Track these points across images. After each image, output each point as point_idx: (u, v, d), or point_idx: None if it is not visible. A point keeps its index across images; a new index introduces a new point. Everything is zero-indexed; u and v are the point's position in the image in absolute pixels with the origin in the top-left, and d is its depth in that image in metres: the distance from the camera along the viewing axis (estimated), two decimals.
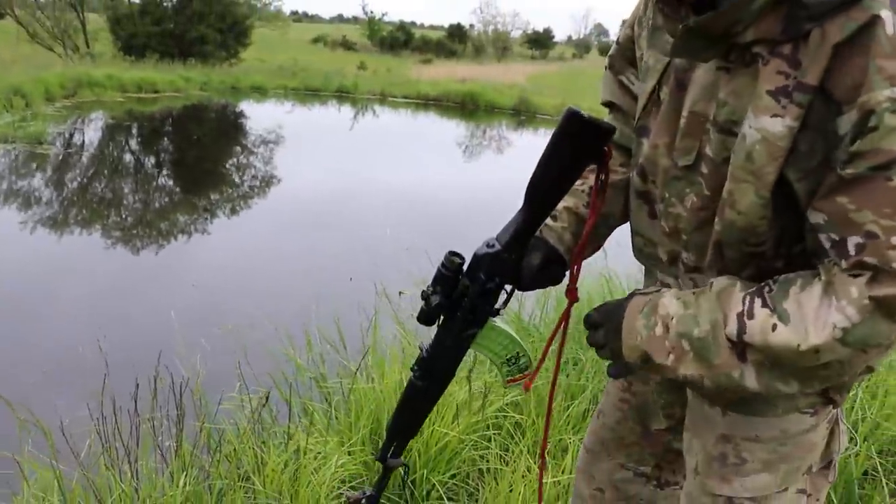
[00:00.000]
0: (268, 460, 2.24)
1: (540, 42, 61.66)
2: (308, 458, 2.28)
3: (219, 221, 8.56)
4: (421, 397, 1.25)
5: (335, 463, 2.30)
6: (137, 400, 2.26)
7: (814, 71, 0.85)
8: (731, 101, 0.95)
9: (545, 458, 1.37)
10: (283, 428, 2.48)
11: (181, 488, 2.13)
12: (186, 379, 2.43)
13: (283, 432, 2.48)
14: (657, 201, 1.13)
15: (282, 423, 2.58)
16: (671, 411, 1.36)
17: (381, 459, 1.33)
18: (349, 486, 2.31)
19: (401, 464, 1.34)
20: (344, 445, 2.45)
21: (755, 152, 0.91)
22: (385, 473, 1.36)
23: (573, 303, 1.19)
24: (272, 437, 2.52)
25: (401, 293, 3.99)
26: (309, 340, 3.31)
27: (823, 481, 1.20)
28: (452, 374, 1.24)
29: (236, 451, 2.32)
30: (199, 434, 2.38)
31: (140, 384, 2.27)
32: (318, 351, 3.25)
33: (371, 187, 10.45)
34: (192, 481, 2.18)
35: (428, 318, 1.15)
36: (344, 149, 14.12)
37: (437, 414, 2.47)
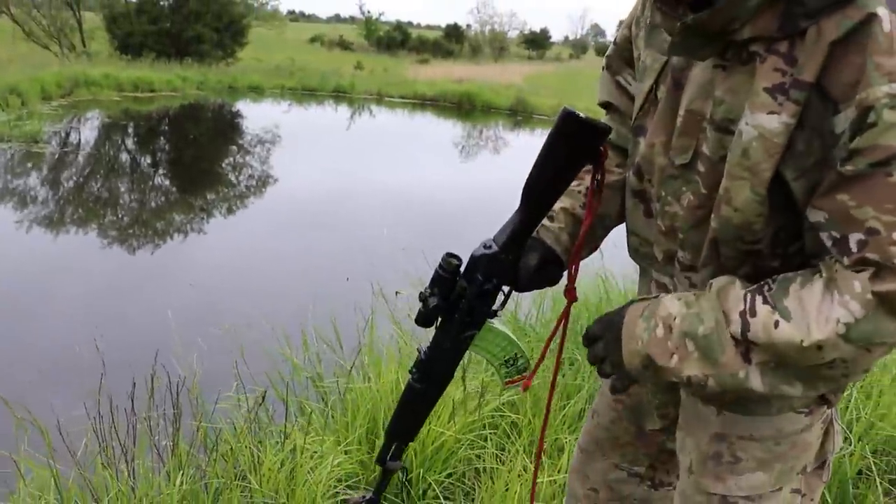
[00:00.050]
0: (264, 459, 2.24)
1: (537, 42, 61.74)
2: (304, 457, 2.28)
3: (215, 221, 8.55)
4: (419, 400, 1.25)
5: (331, 462, 2.30)
6: (134, 399, 2.26)
7: (810, 68, 0.85)
8: (727, 100, 0.95)
9: (541, 457, 1.37)
10: (280, 427, 2.48)
11: (178, 487, 2.13)
12: (183, 378, 2.43)
13: (279, 431, 2.48)
14: (653, 200, 1.13)
15: (278, 423, 2.58)
16: (665, 411, 1.36)
17: (381, 462, 1.32)
18: (346, 485, 2.32)
19: (400, 466, 1.33)
20: (340, 445, 2.46)
21: (751, 149, 0.91)
22: (385, 476, 1.36)
23: (572, 302, 1.20)
24: (269, 437, 2.52)
25: (397, 293, 3.99)
26: (305, 340, 3.31)
27: (818, 481, 1.20)
28: (451, 376, 1.23)
29: (233, 450, 2.31)
30: (195, 433, 2.38)
31: (137, 383, 2.27)
32: (314, 351, 3.25)
33: (368, 187, 10.45)
34: (188, 480, 2.18)
35: (426, 319, 1.15)
36: (341, 149, 14.11)
37: (434, 413, 2.47)
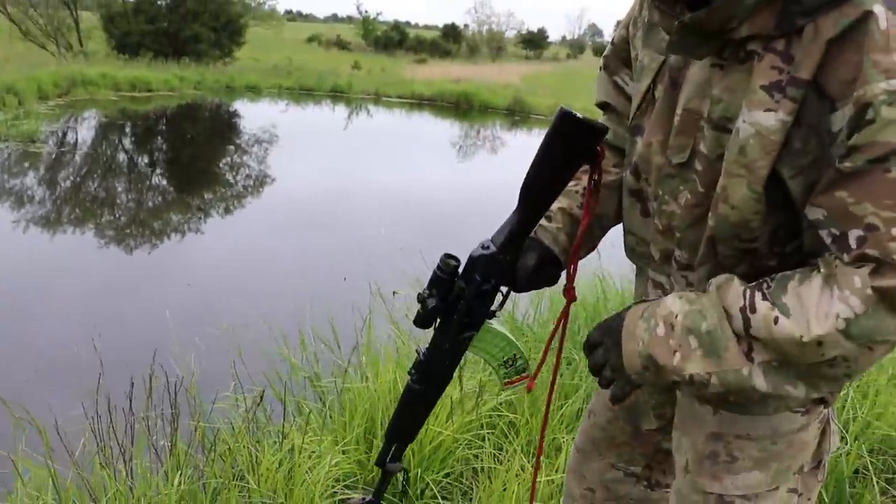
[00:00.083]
0: (262, 459, 2.24)
1: (534, 42, 61.76)
2: (302, 456, 2.28)
3: (213, 221, 8.54)
4: (419, 401, 1.25)
5: (329, 462, 2.30)
6: (132, 399, 2.26)
7: (807, 66, 0.86)
8: (725, 98, 0.96)
9: (541, 457, 1.37)
10: (278, 427, 2.48)
11: (176, 487, 2.13)
12: (181, 378, 2.43)
13: (277, 431, 2.48)
14: (650, 199, 1.13)
15: (276, 423, 2.58)
16: (662, 412, 1.36)
17: (380, 464, 1.32)
18: (343, 485, 2.32)
19: (400, 468, 1.33)
20: (338, 444, 2.46)
21: (748, 146, 0.92)
22: (384, 478, 1.36)
23: (571, 302, 1.20)
24: (267, 437, 2.52)
25: (395, 293, 3.99)
26: (303, 340, 3.31)
27: (814, 481, 1.19)
28: (450, 377, 1.23)
29: (231, 450, 2.31)
30: (193, 433, 2.38)
31: (135, 383, 2.27)
32: (312, 350, 3.25)
33: (365, 187, 10.45)
34: (186, 480, 2.18)
35: (424, 321, 1.15)
36: (338, 148, 14.11)
37: (432, 413, 2.46)
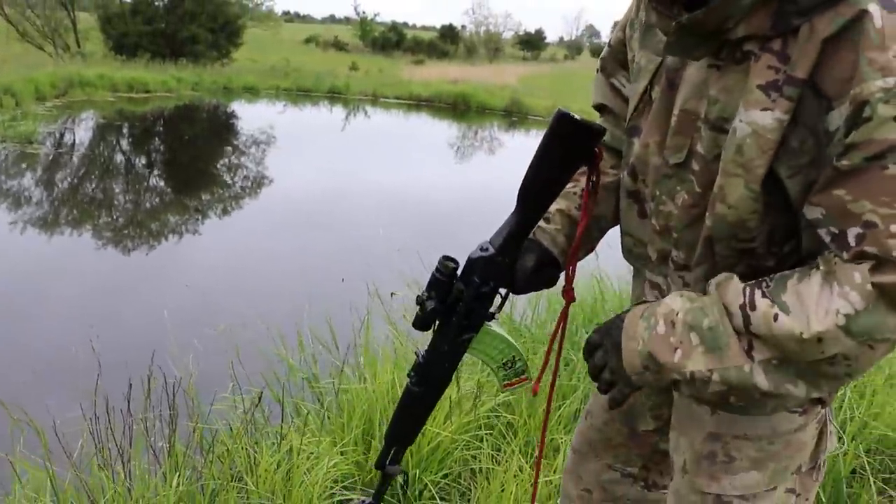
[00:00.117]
0: (260, 460, 2.24)
1: (532, 43, 61.71)
2: (301, 458, 2.28)
3: (210, 222, 8.54)
4: (418, 403, 1.25)
5: (327, 463, 2.30)
6: (130, 400, 2.26)
7: (803, 65, 0.86)
8: (722, 99, 0.96)
9: (541, 459, 1.38)
10: (276, 428, 2.48)
11: (174, 488, 2.13)
12: (179, 379, 2.43)
13: (275, 433, 2.48)
14: (647, 200, 1.14)
15: (274, 424, 2.57)
16: (659, 412, 1.36)
17: (380, 467, 1.32)
18: (342, 486, 2.32)
19: (399, 471, 1.32)
20: (336, 445, 2.46)
21: (745, 145, 0.92)
22: (384, 481, 1.35)
23: (570, 303, 1.20)
24: (265, 438, 2.52)
25: (393, 294, 3.99)
26: (301, 341, 3.31)
27: (812, 481, 1.20)
28: (449, 379, 1.23)
29: (229, 451, 2.31)
30: (191, 434, 2.38)
31: (133, 384, 2.27)
32: (310, 352, 3.25)
33: (363, 188, 10.45)
34: (185, 481, 2.18)
35: (423, 323, 1.14)
36: (336, 149, 14.11)
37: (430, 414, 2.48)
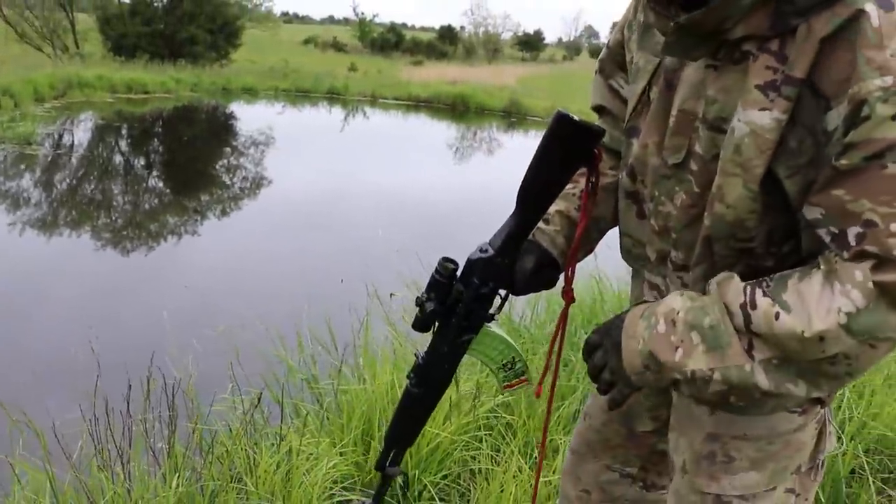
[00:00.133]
0: (260, 461, 2.24)
1: (530, 44, 61.71)
2: (300, 458, 2.28)
3: (209, 223, 8.54)
4: (418, 405, 1.24)
5: (327, 464, 2.30)
6: (129, 401, 2.26)
7: (801, 64, 0.87)
8: (720, 99, 0.96)
9: (543, 461, 1.38)
10: (275, 429, 2.48)
11: (174, 489, 2.13)
12: (178, 380, 2.43)
13: (275, 433, 2.48)
14: (646, 201, 1.14)
15: (274, 425, 2.57)
16: (657, 413, 1.37)
17: (380, 468, 1.31)
18: (341, 487, 2.32)
19: (399, 472, 1.32)
20: (336, 446, 2.46)
21: (744, 145, 0.92)
22: (384, 482, 1.35)
23: (569, 304, 1.20)
24: (264, 439, 2.52)
25: (392, 295, 3.99)
26: (300, 342, 3.31)
27: (811, 481, 1.20)
28: (449, 380, 1.23)
29: (228, 452, 2.31)
30: (191, 435, 2.38)
31: (132, 385, 2.27)
32: (309, 352, 3.25)
33: (362, 189, 10.46)
34: (184, 482, 2.18)
35: (423, 325, 1.15)
36: (334, 151, 14.12)
37: None
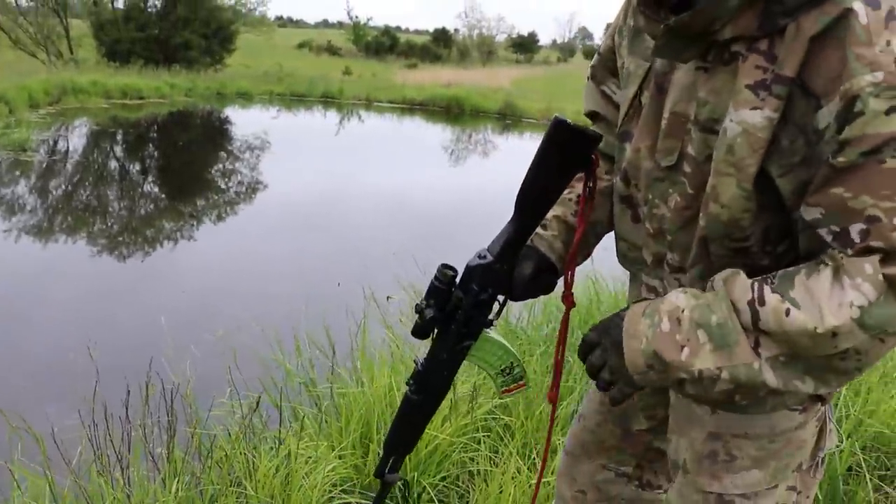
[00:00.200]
0: (259, 465, 2.24)
1: (525, 46, 61.83)
2: (299, 462, 2.28)
3: (206, 227, 8.54)
4: (417, 412, 1.25)
5: (326, 467, 2.30)
6: (128, 406, 2.26)
7: (790, 63, 0.87)
8: (711, 100, 0.97)
9: (546, 455, 1.38)
10: (274, 433, 2.48)
11: (173, 494, 2.13)
12: (177, 385, 2.43)
13: (273, 437, 2.49)
14: (640, 204, 1.15)
15: (272, 429, 2.58)
16: (653, 413, 1.38)
17: (379, 475, 1.32)
18: (340, 490, 2.32)
19: (399, 479, 1.33)
20: (334, 450, 2.46)
21: (736, 145, 0.93)
22: (383, 489, 1.36)
23: (570, 308, 1.21)
24: (263, 443, 2.52)
25: (389, 298, 4.00)
26: (298, 345, 3.31)
27: (812, 479, 1.20)
28: (448, 387, 1.23)
29: (227, 456, 2.31)
30: (190, 440, 2.38)
31: (131, 390, 2.27)
32: (307, 356, 3.25)
33: (359, 191, 10.46)
34: (183, 487, 2.18)
35: (422, 331, 1.15)
36: (330, 154, 14.12)
37: None
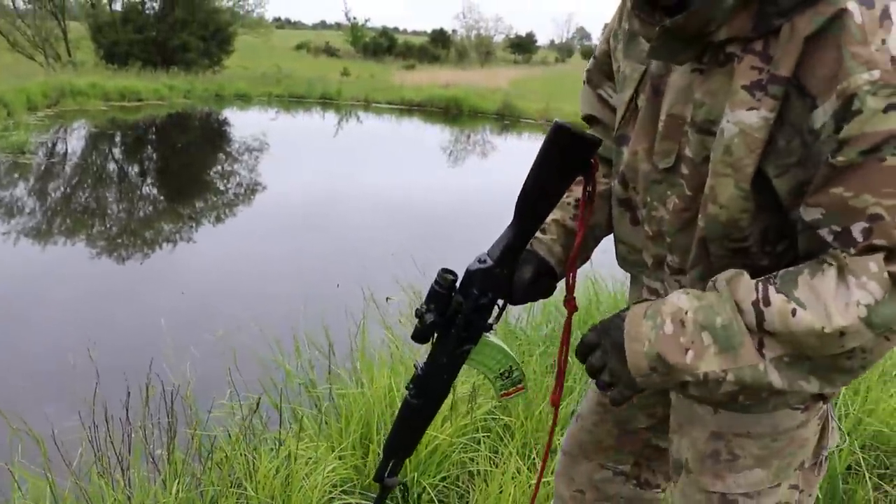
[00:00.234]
0: (259, 466, 2.24)
1: (523, 46, 61.86)
2: (299, 463, 2.29)
3: (205, 228, 8.54)
4: (416, 415, 1.25)
5: (326, 468, 2.31)
6: (129, 408, 2.26)
7: (786, 63, 0.88)
8: (707, 101, 0.97)
9: (547, 456, 1.39)
10: (274, 434, 2.49)
11: (174, 496, 2.13)
12: (177, 386, 2.44)
13: (273, 438, 2.49)
14: (639, 207, 1.15)
15: (272, 430, 2.58)
16: (652, 411, 1.38)
17: (379, 479, 1.32)
18: (340, 490, 2.33)
19: (398, 483, 1.33)
20: (334, 450, 2.46)
21: (733, 145, 0.93)
22: (383, 493, 1.36)
23: (572, 313, 1.21)
24: (263, 444, 2.52)
25: (388, 299, 4.00)
26: (298, 346, 3.31)
27: (815, 477, 1.21)
28: (447, 391, 1.24)
29: (228, 457, 2.31)
30: (190, 441, 2.38)
31: (131, 392, 2.27)
32: (307, 357, 3.25)
33: (357, 192, 10.45)
34: (184, 488, 2.19)
35: (423, 336, 1.16)
36: (329, 155, 14.12)
37: None
